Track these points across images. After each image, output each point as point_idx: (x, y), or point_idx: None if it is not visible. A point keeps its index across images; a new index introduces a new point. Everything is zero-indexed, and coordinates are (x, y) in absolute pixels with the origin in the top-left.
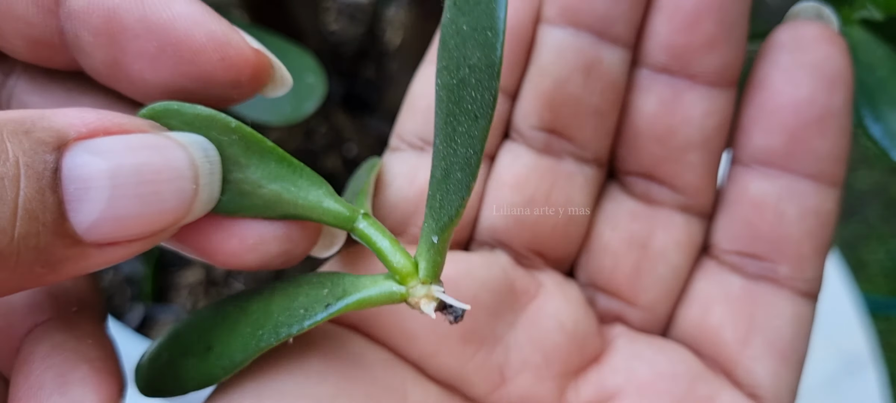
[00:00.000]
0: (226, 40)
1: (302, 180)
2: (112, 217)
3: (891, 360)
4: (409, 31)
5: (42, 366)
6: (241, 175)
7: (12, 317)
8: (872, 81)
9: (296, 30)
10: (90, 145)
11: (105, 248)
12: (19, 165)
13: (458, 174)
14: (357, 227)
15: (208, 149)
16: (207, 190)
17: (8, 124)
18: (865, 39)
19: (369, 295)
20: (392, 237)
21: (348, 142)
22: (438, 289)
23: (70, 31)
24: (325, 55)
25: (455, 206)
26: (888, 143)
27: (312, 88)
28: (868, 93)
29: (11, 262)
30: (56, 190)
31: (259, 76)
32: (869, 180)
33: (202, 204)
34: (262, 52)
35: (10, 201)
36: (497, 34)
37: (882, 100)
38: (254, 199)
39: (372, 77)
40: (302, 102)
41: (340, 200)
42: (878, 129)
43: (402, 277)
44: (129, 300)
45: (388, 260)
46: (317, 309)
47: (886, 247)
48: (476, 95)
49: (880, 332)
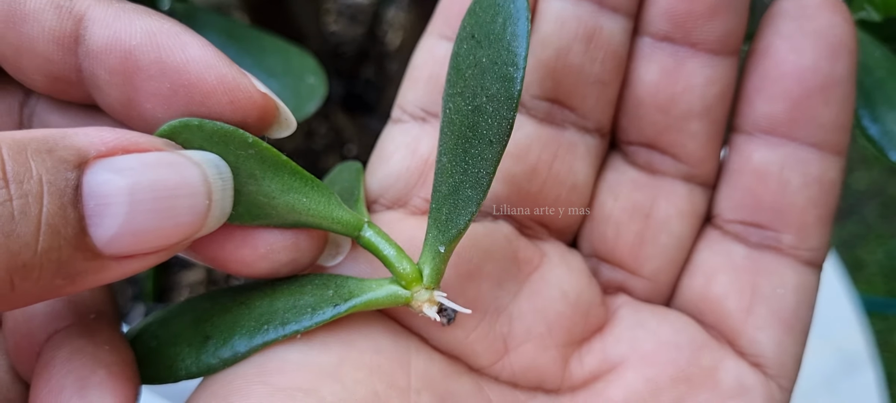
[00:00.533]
0: (235, 84)
1: (313, 192)
2: (130, 231)
3: (888, 360)
4: (408, 32)
5: (62, 371)
6: (255, 187)
7: (32, 325)
8: (870, 82)
9: (296, 31)
10: (109, 163)
11: (123, 261)
12: (43, 182)
13: (469, 191)
14: (363, 236)
15: (221, 166)
16: (220, 205)
17: (32, 143)
18: (863, 40)
19: (376, 297)
20: (396, 245)
21: (348, 143)
22: (441, 295)
23: (87, 70)
24: (325, 56)
25: (464, 220)
26: (886, 144)
27: (313, 89)
28: (866, 93)
29: (35, 275)
30: (77, 206)
31: (265, 117)
32: (867, 180)
33: (215, 218)
34: (269, 95)
35: (33, 217)
36: (517, 69)
37: (880, 101)
38: (267, 210)
39: (372, 78)
40: (303, 103)
41: (348, 210)
42: (875, 130)
43: (407, 283)
44: (130, 300)
45: (394, 267)
46: (324, 307)
47: (885, 247)
48: (492, 123)
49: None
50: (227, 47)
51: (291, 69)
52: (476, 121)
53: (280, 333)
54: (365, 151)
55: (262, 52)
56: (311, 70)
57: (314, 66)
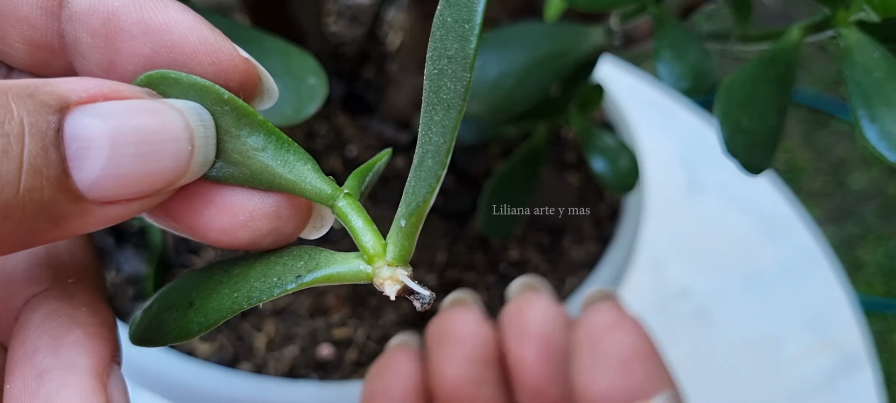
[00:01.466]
0: (217, 47)
1: (289, 154)
2: (112, 175)
3: (887, 360)
4: (409, 33)
5: (37, 332)
6: (231, 144)
7: (10, 289)
8: (869, 83)
9: (297, 31)
10: (91, 109)
11: (107, 206)
12: (24, 124)
13: (429, 161)
14: (336, 205)
15: (202, 114)
16: (202, 152)
17: (13, 88)
18: (862, 41)
19: (338, 271)
20: (367, 217)
21: (349, 143)
22: (403, 273)
23: (70, 34)
24: (325, 56)
25: (423, 193)
26: (885, 146)
27: (314, 90)
28: (864, 94)
29: (17, 215)
30: (59, 148)
31: (247, 84)
32: (866, 181)
33: (198, 165)
34: (252, 61)
35: (15, 156)
36: (473, 27)
37: (878, 102)
38: (243, 169)
39: (372, 78)
40: (303, 104)
41: (326, 179)
42: (874, 131)
43: (369, 258)
44: (131, 300)
45: (359, 239)
46: (288, 279)
47: (884, 248)
48: (451, 85)
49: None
50: None
51: (292, 70)
52: (440, 85)
53: (245, 304)
54: (365, 152)
55: (263, 53)
56: (312, 71)
57: (315, 66)
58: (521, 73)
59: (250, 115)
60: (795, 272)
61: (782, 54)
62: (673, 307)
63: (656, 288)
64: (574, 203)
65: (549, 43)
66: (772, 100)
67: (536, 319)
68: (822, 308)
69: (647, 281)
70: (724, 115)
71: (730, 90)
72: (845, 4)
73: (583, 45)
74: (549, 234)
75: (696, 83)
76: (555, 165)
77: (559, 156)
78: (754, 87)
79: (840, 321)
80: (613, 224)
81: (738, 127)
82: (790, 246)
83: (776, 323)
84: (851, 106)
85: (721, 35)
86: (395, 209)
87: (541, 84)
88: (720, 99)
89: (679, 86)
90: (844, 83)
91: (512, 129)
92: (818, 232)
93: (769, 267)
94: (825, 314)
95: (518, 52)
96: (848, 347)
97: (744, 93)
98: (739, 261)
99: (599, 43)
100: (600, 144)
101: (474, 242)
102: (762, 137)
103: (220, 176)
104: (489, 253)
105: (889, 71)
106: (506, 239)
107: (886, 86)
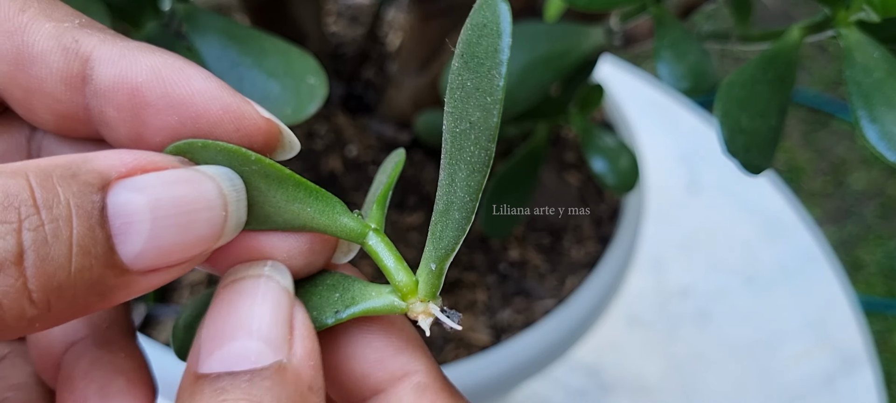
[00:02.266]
0: (240, 113)
1: (317, 201)
2: (155, 246)
3: (887, 360)
4: (409, 33)
5: (84, 381)
6: (263, 199)
7: (51, 337)
8: (869, 83)
9: (297, 32)
10: (130, 183)
11: (149, 275)
12: (71, 206)
13: (456, 214)
14: (367, 243)
15: (234, 178)
16: (235, 215)
17: (56, 170)
18: (862, 41)
19: (373, 306)
20: (397, 254)
21: (349, 144)
22: (435, 308)
23: (95, 108)
24: (325, 57)
25: (452, 242)
26: (885, 145)
27: (314, 90)
28: (864, 94)
29: (69, 294)
30: (104, 226)
31: (269, 142)
32: (866, 181)
33: (231, 228)
34: (273, 120)
35: (65, 239)
36: (496, 102)
37: (878, 102)
38: (277, 219)
39: (372, 79)
40: (304, 104)
41: (352, 216)
42: (874, 131)
43: (403, 295)
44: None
45: (392, 277)
46: (327, 313)
47: (884, 248)
48: (475, 150)
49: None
50: (227, 48)
51: (292, 70)
52: (463, 145)
53: None
54: (365, 152)
55: (263, 53)
56: (312, 71)
57: (315, 66)
58: (521, 73)
59: (278, 172)
60: (795, 272)
61: (782, 54)
62: (673, 307)
63: (656, 287)
64: (574, 203)
65: (549, 43)
66: (772, 100)
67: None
68: (822, 308)
69: (647, 281)
70: (724, 115)
71: (730, 90)
72: (845, 4)
73: (583, 45)
74: (549, 234)
75: (696, 83)
76: (555, 165)
77: (559, 156)
78: (754, 87)
79: (840, 321)
80: (613, 224)
81: (738, 127)
82: (790, 247)
83: (776, 323)
84: (851, 106)
85: (721, 35)
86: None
87: (541, 84)
88: (720, 99)
89: (679, 86)
90: (844, 83)
91: (512, 129)
92: (818, 232)
93: (769, 267)
94: (825, 314)
95: (518, 52)
96: (848, 347)
97: (744, 93)
98: (739, 261)
99: (599, 43)
100: (600, 144)
101: (474, 242)
102: (762, 137)
103: (254, 227)
104: (489, 253)
105: (889, 71)
106: (506, 239)
107: (886, 86)
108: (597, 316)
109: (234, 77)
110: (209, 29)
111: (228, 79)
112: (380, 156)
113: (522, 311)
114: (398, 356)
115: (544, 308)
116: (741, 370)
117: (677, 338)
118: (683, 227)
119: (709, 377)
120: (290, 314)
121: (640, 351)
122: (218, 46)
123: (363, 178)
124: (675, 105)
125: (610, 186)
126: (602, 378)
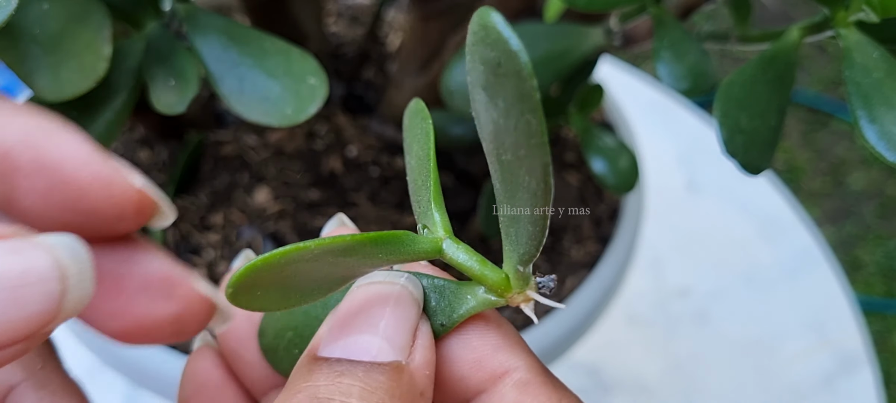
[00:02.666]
0: (110, 180)
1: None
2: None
3: (887, 360)
4: (409, 33)
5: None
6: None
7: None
8: (868, 83)
9: (297, 32)
10: None
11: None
12: None
13: (529, 227)
14: (445, 254)
15: (76, 248)
16: (77, 288)
17: None
18: (861, 41)
19: (474, 307)
20: (479, 256)
21: (349, 144)
22: (532, 292)
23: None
24: (325, 57)
25: (532, 248)
26: (884, 146)
27: (314, 90)
28: (864, 94)
29: None
30: None
31: (143, 211)
32: (865, 180)
33: (72, 303)
34: (145, 190)
35: None
36: (542, 144)
37: (877, 102)
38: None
39: (373, 79)
40: (304, 104)
41: (420, 237)
42: (873, 132)
43: (499, 293)
44: None
45: (487, 278)
46: (433, 325)
47: (883, 248)
48: (529, 179)
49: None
50: (228, 49)
51: (292, 70)
52: (517, 173)
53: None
54: (366, 152)
55: (263, 54)
56: (312, 71)
57: (315, 67)
58: None
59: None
60: (795, 272)
61: (782, 54)
62: (673, 307)
63: (656, 287)
64: (574, 203)
65: (549, 43)
66: (771, 100)
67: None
68: (822, 308)
69: (647, 281)
70: (723, 115)
71: (729, 90)
72: (845, 5)
73: (583, 45)
74: (549, 234)
75: (696, 83)
76: (554, 165)
77: (559, 156)
78: (753, 88)
79: (839, 321)
80: (613, 224)
81: (738, 127)
82: (789, 246)
83: (775, 323)
84: (851, 106)
85: (721, 35)
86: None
87: (540, 84)
88: (719, 99)
89: (678, 86)
90: (844, 83)
91: None
92: (817, 232)
93: (768, 267)
94: (824, 314)
95: None
96: (847, 347)
97: (743, 93)
98: (739, 261)
99: (599, 43)
100: (600, 144)
101: (474, 242)
102: (761, 137)
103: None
104: (489, 253)
105: (888, 71)
106: None
107: (885, 86)
108: (596, 315)
109: (234, 77)
110: (210, 29)
111: (229, 80)
112: (380, 157)
113: (521, 311)
114: (496, 354)
115: (544, 307)
116: (740, 369)
117: (677, 338)
118: (683, 227)
119: (708, 376)
120: (416, 324)
121: (639, 351)
122: (218, 46)
123: (363, 178)
124: (675, 105)
125: (609, 186)
126: (602, 378)
